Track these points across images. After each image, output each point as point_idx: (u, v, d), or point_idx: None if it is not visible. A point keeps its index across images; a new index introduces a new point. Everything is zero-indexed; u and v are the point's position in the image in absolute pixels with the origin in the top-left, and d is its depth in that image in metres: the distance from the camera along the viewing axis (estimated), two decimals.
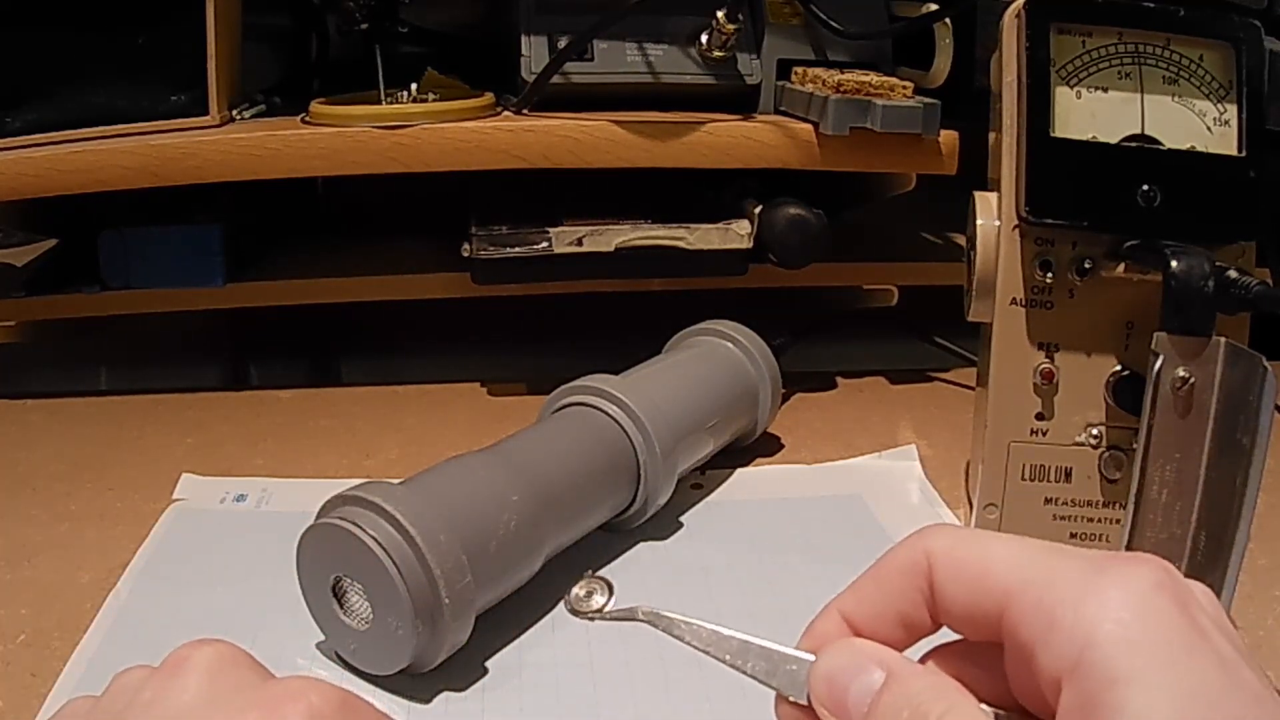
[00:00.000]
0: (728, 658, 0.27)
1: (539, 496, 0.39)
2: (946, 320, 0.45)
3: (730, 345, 0.53)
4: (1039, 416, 0.43)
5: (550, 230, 0.57)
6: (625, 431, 0.44)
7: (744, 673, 0.26)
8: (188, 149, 0.56)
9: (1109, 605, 0.22)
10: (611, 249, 0.58)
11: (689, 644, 0.28)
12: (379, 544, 0.34)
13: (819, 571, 0.43)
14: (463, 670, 0.37)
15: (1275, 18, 0.42)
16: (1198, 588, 0.24)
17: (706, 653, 0.27)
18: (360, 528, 0.35)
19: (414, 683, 0.36)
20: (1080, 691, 0.21)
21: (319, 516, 0.37)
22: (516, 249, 0.57)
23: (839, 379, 0.64)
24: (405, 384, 0.64)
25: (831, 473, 0.53)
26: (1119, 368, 0.42)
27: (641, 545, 0.45)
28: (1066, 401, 0.43)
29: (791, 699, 0.25)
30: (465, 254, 0.58)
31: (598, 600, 0.31)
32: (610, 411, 0.45)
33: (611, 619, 0.31)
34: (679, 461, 0.46)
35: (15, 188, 0.55)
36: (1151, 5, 0.40)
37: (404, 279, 0.65)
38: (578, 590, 0.32)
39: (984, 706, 0.24)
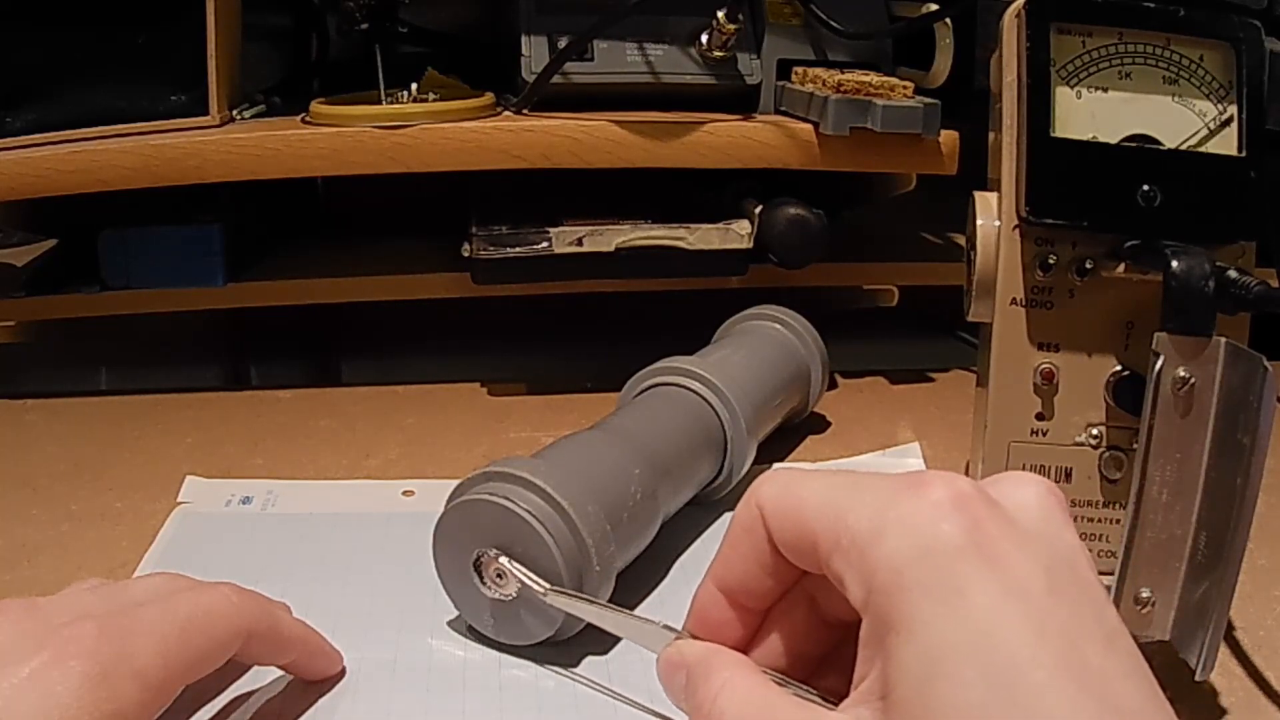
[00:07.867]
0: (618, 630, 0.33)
1: (655, 469, 0.42)
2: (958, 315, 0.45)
3: (780, 328, 0.56)
4: (1039, 416, 0.43)
5: (550, 230, 0.57)
6: (712, 407, 0.47)
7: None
8: (188, 149, 0.56)
9: (887, 550, 0.24)
10: (611, 249, 0.58)
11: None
12: (533, 516, 0.35)
13: None
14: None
15: (1275, 18, 0.42)
16: (1017, 493, 0.25)
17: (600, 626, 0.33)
18: (512, 501, 0.36)
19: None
20: (866, 634, 0.24)
21: (454, 497, 0.37)
22: (516, 249, 0.57)
23: (839, 379, 0.64)
24: (405, 384, 0.64)
25: None
26: (1119, 368, 0.42)
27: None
28: (1066, 401, 0.43)
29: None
30: (465, 254, 0.58)
31: (510, 586, 0.36)
32: (697, 389, 0.48)
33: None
34: (757, 434, 0.49)
35: (15, 188, 0.55)
36: (1151, 5, 0.40)
37: (404, 279, 0.65)
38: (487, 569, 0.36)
39: (768, 671, 0.28)
